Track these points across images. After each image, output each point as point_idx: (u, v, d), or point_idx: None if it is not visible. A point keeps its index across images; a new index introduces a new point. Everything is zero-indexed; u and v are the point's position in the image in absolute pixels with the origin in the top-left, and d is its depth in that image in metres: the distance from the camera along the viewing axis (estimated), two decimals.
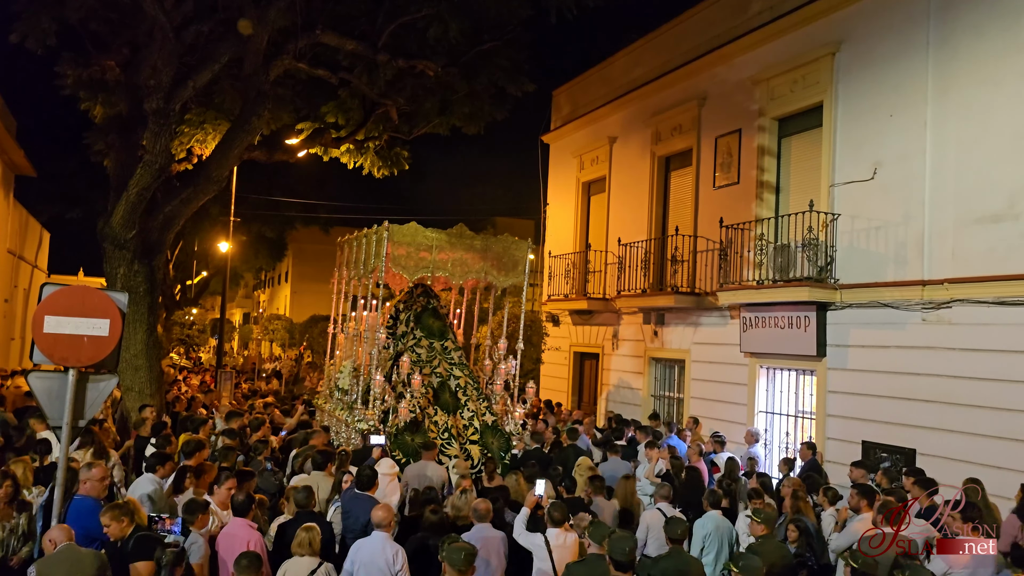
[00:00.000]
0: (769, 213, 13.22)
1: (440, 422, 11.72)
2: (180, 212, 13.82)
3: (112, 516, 6.06)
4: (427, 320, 12.99)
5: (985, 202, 9.91)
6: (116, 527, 6.04)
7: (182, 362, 32.79)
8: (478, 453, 11.52)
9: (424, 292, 13.40)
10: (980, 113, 10.10)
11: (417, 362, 12.19)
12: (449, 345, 12.93)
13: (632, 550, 5.66)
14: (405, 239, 12.09)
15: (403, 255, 12.04)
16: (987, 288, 9.71)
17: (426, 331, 12.85)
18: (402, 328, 12.89)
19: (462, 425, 11.90)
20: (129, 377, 12.90)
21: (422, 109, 16.62)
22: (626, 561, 5.53)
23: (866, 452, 11.14)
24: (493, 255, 12.80)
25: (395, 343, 12.62)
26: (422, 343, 12.69)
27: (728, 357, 13.86)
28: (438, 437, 11.38)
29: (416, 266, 12.16)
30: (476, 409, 12.16)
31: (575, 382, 19.36)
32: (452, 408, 12.05)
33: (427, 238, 12.23)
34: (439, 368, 12.43)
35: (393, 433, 11.10)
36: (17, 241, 23.30)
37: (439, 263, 12.34)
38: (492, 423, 12.14)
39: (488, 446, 11.74)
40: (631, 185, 17.31)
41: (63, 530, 5.77)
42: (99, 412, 11.04)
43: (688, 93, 15.64)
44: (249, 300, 67.85)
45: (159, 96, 12.06)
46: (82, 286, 6.73)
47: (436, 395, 12.09)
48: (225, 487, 7.36)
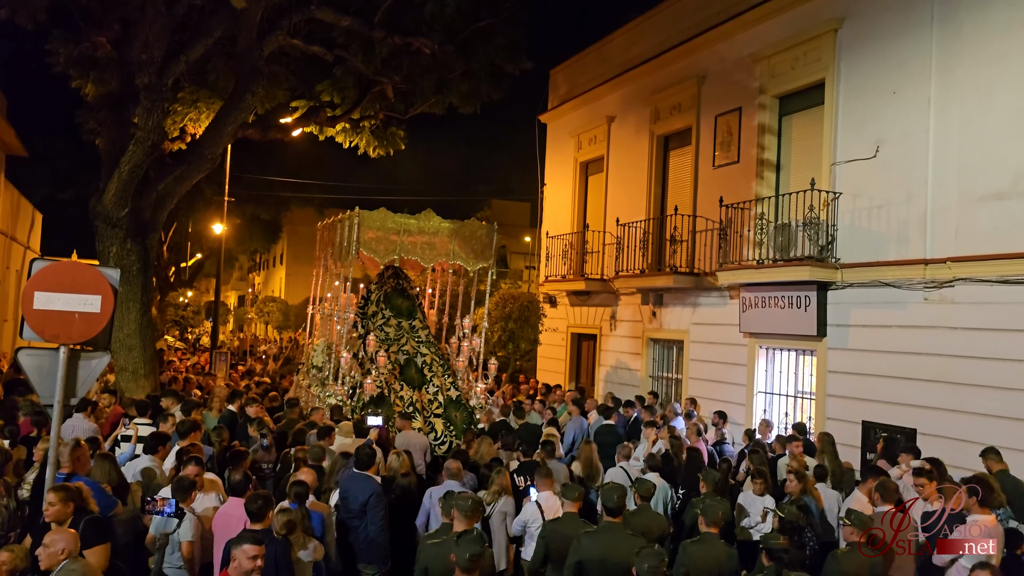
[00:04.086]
0: (769, 192, 13.10)
1: (406, 397, 12.33)
2: (173, 191, 13.65)
3: (59, 497, 5.74)
4: (396, 300, 13.53)
5: (989, 180, 9.80)
6: (60, 508, 5.72)
7: (177, 344, 32.68)
8: (441, 426, 12.27)
9: (394, 274, 13.82)
10: (984, 90, 9.97)
11: (385, 340, 12.81)
12: (417, 324, 13.46)
13: (621, 498, 6.18)
14: (375, 224, 12.72)
15: (374, 239, 12.70)
16: (990, 267, 9.62)
17: (395, 311, 13.39)
18: (372, 308, 13.40)
19: (427, 399, 12.53)
20: (123, 357, 12.79)
21: (418, 88, 16.42)
22: (615, 507, 6.13)
23: (866, 432, 11.09)
24: (461, 239, 13.39)
25: (364, 322, 13.13)
26: (391, 322, 13.23)
27: (727, 337, 13.78)
28: (403, 411, 11.85)
29: (386, 249, 12.82)
30: (441, 384, 12.80)
31: (573, 363, 19.27)
32: (418, 383, 12.67)
33: (396, 223, 12.86)
34: (406, 346, 13.00)
35: (359, 407, 11.74)
36: (9, 222, 23.09)
37: (408, 246, 12.97)
38: (456, 398, 12.77)
39: (451, 419, 12.43)
40: (629, 165, 17.16)
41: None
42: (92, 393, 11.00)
43: (687, 71, 15.47)
44: (244, 283, 67.63)
45: (151, 71, 11.87)
46: (72, 261, 6.57)
47: (402, 371, 12.69)
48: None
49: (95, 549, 5.65)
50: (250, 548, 5.07)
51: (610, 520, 6.14)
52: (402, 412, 11.42)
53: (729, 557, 6.14)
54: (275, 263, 59.13)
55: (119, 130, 13.13)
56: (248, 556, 5.07)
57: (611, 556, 5.82)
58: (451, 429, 12.30)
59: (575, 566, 5.87)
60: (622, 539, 5.94)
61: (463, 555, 5.03)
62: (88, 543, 5.50)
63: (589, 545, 5.92)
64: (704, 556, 6.05)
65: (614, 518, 6.13)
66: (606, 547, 5.89)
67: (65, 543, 5.07)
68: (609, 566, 5.80)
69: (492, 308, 18.36)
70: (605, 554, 5.85)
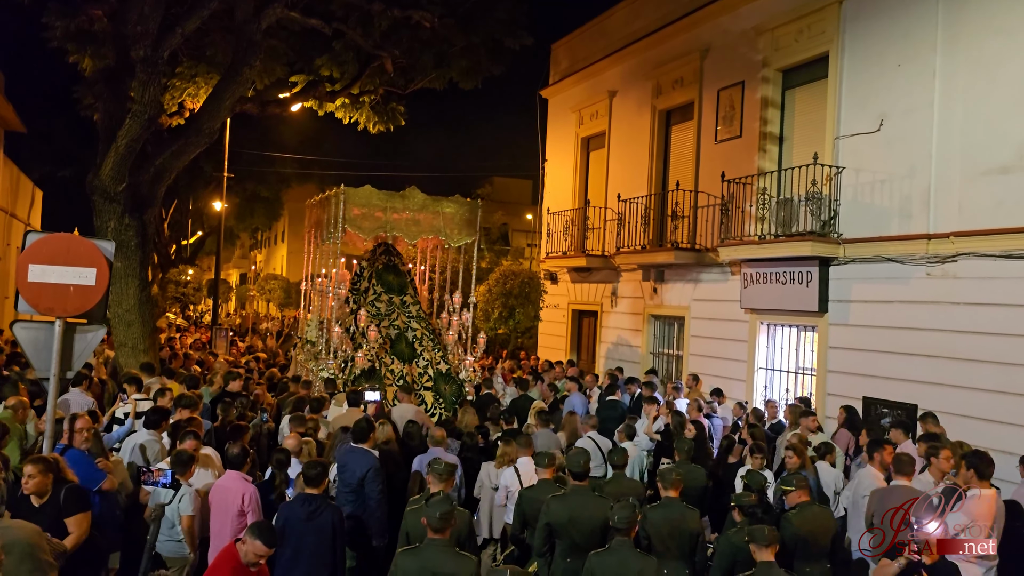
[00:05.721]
0: (772, 167, 12.99)
1: (396, 370, 12.66)
2: (171, 165, 13.55)
3: (38, 469, 5.67)
4: (387, 276, 13.71)
5: (993, 154, 9.69)
6: (41, 480, 5.66)
7: (178, 320, 32.69)
8: (431, 399, 12.59)
9: (385, 250, 13.98)
10: (990, 63, 9.83)
11: (376, 315, 13.07)
12: (408, 299, 13.67)
13: (586, 463, 6.54)
14: (360, 201, 12.89)
15: (359, 216, 12.88)
16: (994, 241, 9.53)
17: (386, 287, 13.58)
18: (364, 284, 13.67)
19: (417, 373, 12.82)
20: (122, 332, 12.76)
21: (418, 63, 16.27)
22: (581, 471, 6.47)
23: (867, 408, 11.06)
24: (445, 215, 13.52)
25: (356, 298, 13.40)
26: (382, 298, 13.44)
27: (728, 313, 13.73)
28: (393, 384, 12.22)
29: (372, 226, 13.02)
30: (431, 358, 13.09)
31: (573, 340, 19.25)
32: (408, 357, 12.96)
33: (381, 199, 13.04)
34: (397, 321, 13.27)
35: (351, 380, 12.01)
36: (9, 199, 23.00)
37: (393, 223, 13.14)
38: (446, 371, 13.06)
39: (441, 392, 12.73)
40: (631, 140, 17.03)
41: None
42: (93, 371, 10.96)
43: (690, 45, 15.30)
44: (245, 260, 67.58)
45: (146, 43, 11.74)
46: (66, 234, 6.51)
47: (393, 345, 12.96)
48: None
49: (76, 517, 5.67)
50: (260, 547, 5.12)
51: (576, 484, 6.47)
52: (404, 385, 11.71)
53: (688, 519, 6.38)
54: (276, 241, 59.05)
55: (116, 104, 13.00)
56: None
57: (578, 517, 6.16)
58: (440, 401, 12.61)
59: (544, 528, 6.24)
60: (589, 500, 6.32)
61: (433, 514, 5.12)
62: (68, 511, 5.54)
63: (557, 508, 6.25)
64: (664, 519, 6.32)
65: (580, 481, 6.46)
66: (573, 509, 6.20)
67: None
68: (577, 526, 6.16)
69: (493, 284, 18.30)
70: (572, 516, 6.18)
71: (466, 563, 5.06)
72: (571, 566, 6.08)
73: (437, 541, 5.13)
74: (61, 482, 5.81)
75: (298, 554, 6.01)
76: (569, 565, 6.13)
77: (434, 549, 5.11)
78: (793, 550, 6.16)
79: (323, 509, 6.17)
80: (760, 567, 5.36)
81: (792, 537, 6.16)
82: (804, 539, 6.21)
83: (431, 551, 5.10)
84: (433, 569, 5.00)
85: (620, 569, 5.33)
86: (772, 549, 5.42)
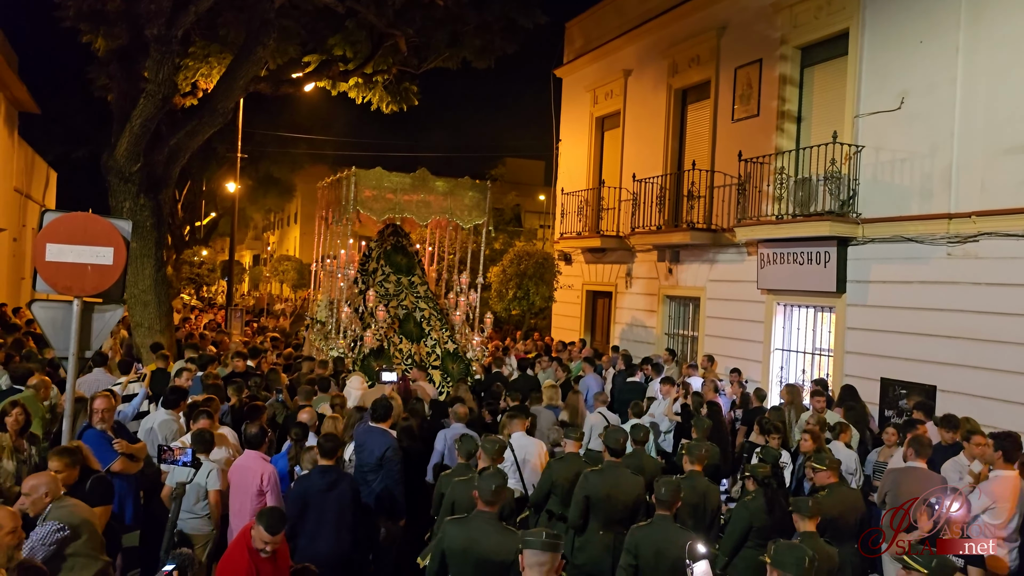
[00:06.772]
0: (790, 146, 12.84)
1: (404, 349, 12.85)
2: (185, 145, 13.54)
3: (64, 463, 5.62)
4: (395, 257, 13.88)
5: (1017, 132, 9.52)
6: (69, 473, 5.63)
7: (192, 301, 32.83)
8: (439, 377, 12.70)
9: (394, 231, 14.12)
10: (1014, 39, 9.64)
11: (385, 295, 13.26)
12: (416, 280, 13.81)
13: (624, 440, 6.76)
14: (371, 183, 12.99)
15: (370, 198, 12.99)
16: (1017, 221, 9.38)
17: (394, 267, 13.74)
18: (372, 265, 13.80)
19: (425, 352, 13.01)
20: (138, 313, 12.79)
21: (432, 42, 16.19)
22: (618, 448, 6.69)
23: (884, 389, 10.98)
24: (455, 197, 13.62)
25: (365, 279, 13.58)
26: (390, 278, 13.60)
27: (744, 294, 13.64)
28: (402, 363, 12.40)
29: (383, 208, 13.12)
30: (439, 338, 13.27)
31: (587, 321, 19.20)
32: (416, 337, 13.13)
33: (391, 182, 13.13)
34: (405, 301, 13.44)
35: (359, 359, 12.28)
36: (24, 180, 23.04)
37: (404, 204, 13.25)
38: (453, 350, 13.26)
39: (448, 371, 12.89)
40: (646, 119, 16.88)
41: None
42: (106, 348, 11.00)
43: (706, 22, 15.11)
44: (259, 242, 67.67)
45: (160, 22, 11.68)
46: (84, 213, 6.49)
47: (401, 325, 13.13)
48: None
49: (99, 510, 5.64)
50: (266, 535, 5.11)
51: (612, 460, 6.67)
52: (418, 364, 12.03)
53: (710, 493, 6.68)
54: (289, 222, 59.06)
55: (130, 84, 12.99)
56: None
57: (614, 493, 6.44)
58: (448, 380, 12.68)
59: (583, 500, 6.44)
60: (624, 476, 6.58)
61: (487, 487, 5.20)
62: (92, 502, 5.47)
63: (596, 481, 6.48)
64: (691, 490, 6.47)
65: (616, 458, 6.67)
66: (610, 485, 6.46)
67: (46, 486, 5.04)
68: (613, 501, 6.43)
69: (507, 264, 18.25)
70: (610, 491, 6.44)
71: (511, 537, 5.09)
72: (603, 539, 6.41)
73: (485, 514, 5.21)
74: (87, 471, 5.83)
75: (320, 524, 6.24)
76: (601, 538, 6.42)
77: (482, 521, 5.19)
78: (823, 531, 6.15)
79: (341, 479, 6.46)
80: (804, 536, 5.44)
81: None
82: (834, 520, 6.25)
83: (479, 522, 5.19)
84: (479, 539, 5.11)
85: (663, 544, 5.37)
86: (814, 521, 5.52)
